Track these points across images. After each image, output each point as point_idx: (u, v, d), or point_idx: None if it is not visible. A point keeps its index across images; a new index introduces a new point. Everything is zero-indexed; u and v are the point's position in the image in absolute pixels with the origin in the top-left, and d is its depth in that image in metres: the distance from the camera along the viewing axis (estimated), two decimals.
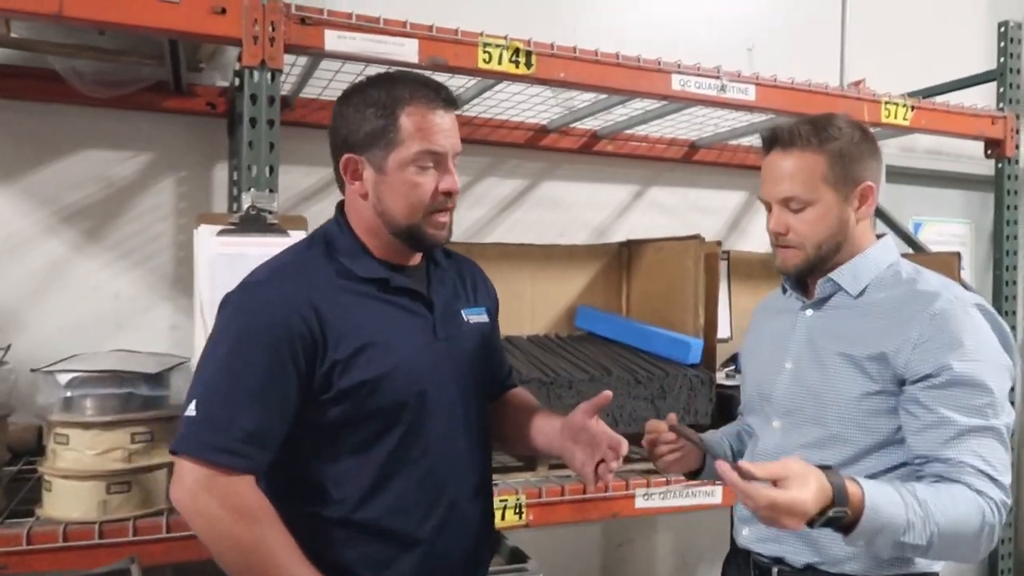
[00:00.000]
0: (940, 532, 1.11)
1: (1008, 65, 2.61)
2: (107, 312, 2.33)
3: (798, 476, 1.05)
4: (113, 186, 2.34)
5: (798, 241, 1.33)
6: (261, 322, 1.15)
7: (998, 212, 2.64)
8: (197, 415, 1.13)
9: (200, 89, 2.36)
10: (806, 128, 1.31)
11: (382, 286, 1.24)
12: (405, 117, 1.20)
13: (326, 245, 1.26)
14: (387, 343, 1.20)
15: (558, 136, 2.78)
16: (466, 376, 1.31)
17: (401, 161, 1.20)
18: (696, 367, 2.08)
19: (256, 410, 1.13)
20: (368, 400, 1.19)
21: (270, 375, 1.14)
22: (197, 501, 1.11)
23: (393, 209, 1.22)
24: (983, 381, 1.19)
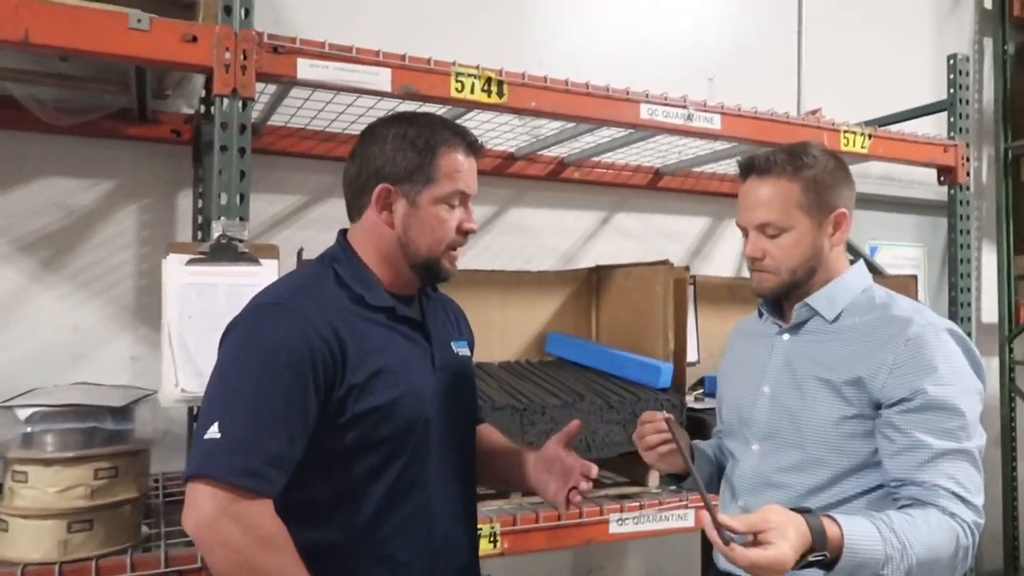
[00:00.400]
0: (919, 562, 1.14)
1: (958, 96, 2.71)
2: (64, 344, 2.27)
3: (777, 528, 1.07)
4: (73, 214, 2.29)
5: (773, 266, 1.36)
6: (285, 342, 1.15)
7: (952, 236, 2.73)
8: (221, 437, 1.10)
9: (165, 116, 2.33)
10: (782, 156, 1.35)
11: (389, 314, 1.27)
12: (443, 158, 1.26)
13: (334, 273, 1.28)
14: (397, 370, 1.23)
15: (526, 163, 2.80)
16: (460, 406, 1.35)
17: (435, 198, 1.26)
18: (667, 391, 2.10)
19: (281, 432, 1.12)
20: (380, 426, 1.20)
21: (294, 397, 1.14)
22: (220, 530, 1.07)
23: (419, 241, 1.27)
24: (956, 405, 1.22)
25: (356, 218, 1.33)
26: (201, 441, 1.11)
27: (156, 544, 1.62)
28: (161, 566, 1.53)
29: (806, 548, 1.08)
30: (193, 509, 1.09)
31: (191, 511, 1.09)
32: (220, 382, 1.16)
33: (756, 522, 1.07)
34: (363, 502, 1.21)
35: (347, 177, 1.32)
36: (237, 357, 1.16)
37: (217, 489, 1.08)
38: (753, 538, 1.07)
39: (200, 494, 1.08)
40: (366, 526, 1.21)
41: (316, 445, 1.18)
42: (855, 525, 1.12)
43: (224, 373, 1.16)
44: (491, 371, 2.29)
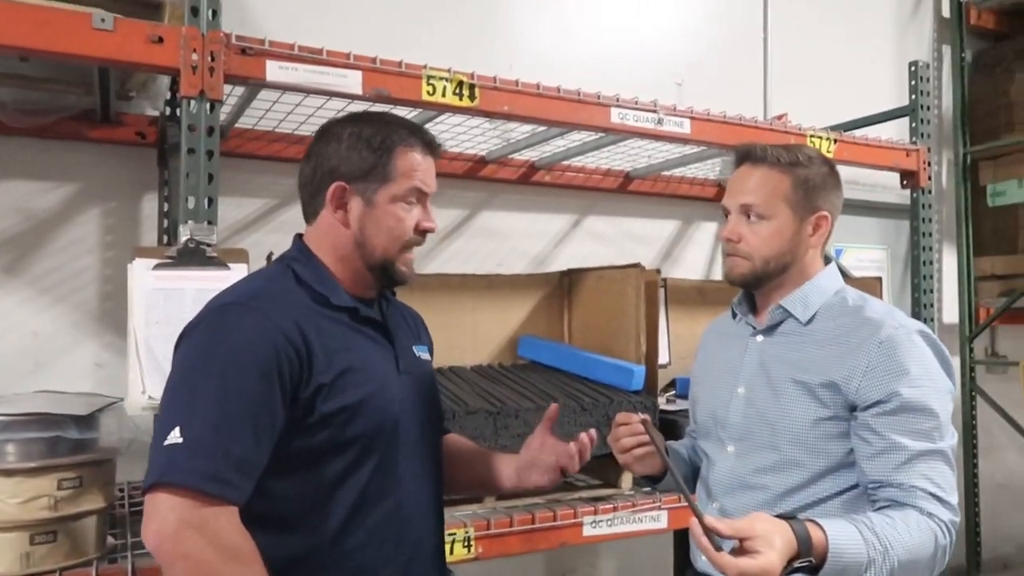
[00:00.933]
0: (900, 563, 1.16)
1: (919, 102, 2.77)
2: (26, 351, 2.21)
3: (763, 536, 1.08)
4: (34, 218, 2.24)
5: (747, 252, 1.38)
6: (248, 342, 1.11)
7: (914, 239, 2.78)
8: (183, 442, 1.04)
9: (129, 118, 2.29)
10: (778, 150, 1.39)
11: (352, 315, 1.25)
12: (400, 156, 1.25)
13: (294, 273, 1.25)
14: (364, 369, 1.21)
15: (496, 167, 2.80)
16: (426, 410, 1.34)
17: (392, 196, 1.25)
18: (639, 393, 2.11)
19: (246, 435, 1.08)
20: (350, 425, 1.18)
21: (259, 398, 1.10)
22: (183, 541, 1.01)
23: (374, 241, 1.25)
24: (930, 406, 1.25)
25: (312, 220, 1.30)
26: (161, 447, 1.06)
27: (122, 555, 1.58)
28: None
29: (792, 555, 1.09)
30: (153, 520, 1.03)
31: (151, 522, 1.03)
32: (180, 385, 1.11)
33: (743, 528, 1.08)
34: (332, 509, 1.18)
35: (302, 178, 1.30)
36: (198, 359, 1.12)
37: (179, 497, 1.03)
38: (739, 544, 1.08)
39: (161, 504, 1.03)
40: (335, 535, 1.18)
41: (284, 448, 1.14)
42: (839, 529, 1.14)
43: (184, 376, 1.12)
44: (464, 375, 2.28)
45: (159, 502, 1.03)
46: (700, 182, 3.24)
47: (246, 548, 1.06)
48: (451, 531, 1.79)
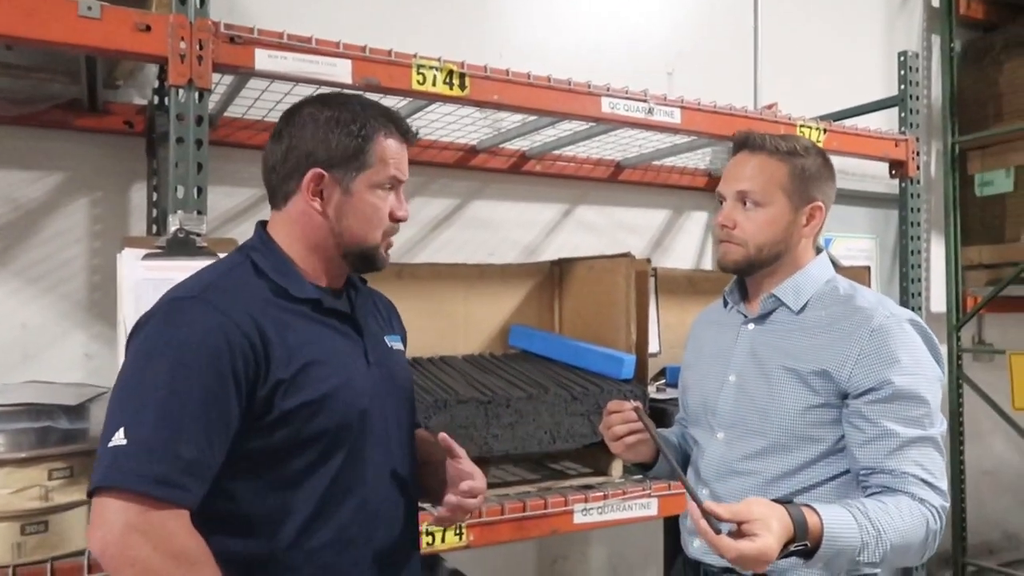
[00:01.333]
0: (892, 547, 1.17)
1: (908, 92, 2.78)
2: (14, 342, 2.20)
3: (761, 520, 1.09)
4: (21, 208, 2.22)
5: (742, 238, 1.38)
6: (200, 338, 1.07)
7: (903, 228, 2.80)
8: (128, 444, 1.00)
9: (116, 107, 2.27)
10: (776, 139, 1.40)
11: (315, 307, 1.20)
12: (379, 143, 1.21)
13: (252, 264, 1.20)
14: (328, 363, 1.17)
15: (487, 156, 2.80)
16: (398, 402, 1.29)
17: (371, 184, 1.21)
18: (630, 382, 2.12)
19: (198, 436, 1.03)
20: (311, 422, 1.13)
21: (212, 397, 1.05)
22: (129, 547, 0.98)
23: (352, 229, 1.21)
24: (920, 394, 1.26)
25: (280, 205, 1.24)
26: (106, 448, 1.01)
27: None
28: None
29: (788, 538, 1.10)
30: (98, 526, 0.99)
31: (96, 528, 0.99)
32: (128, 383, 1.07)
33: (741, 512, 1.09)
34: (296, 507, 1.13)
35: (270, 161, 1.24)
36: (147, 356, 1.07)
37: (125, 502, 0.98)
38: (737, 527, 1.09)
39: (106, 508, 0.99)
40: (299, 534, 1.13)
41: (242, 447, 1.10)
42: (833, 514, 1.15)
43: (132, 373, 1.07)
44: (455, 364, 2.29)
45: (104, 506, 1.00)
46: (691, 172, 3.25)
47: (197, 552, 1.02)
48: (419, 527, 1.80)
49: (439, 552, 1.88)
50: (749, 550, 1.06)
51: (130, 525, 0.99)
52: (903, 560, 1.23)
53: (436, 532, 1.80)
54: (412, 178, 2.74)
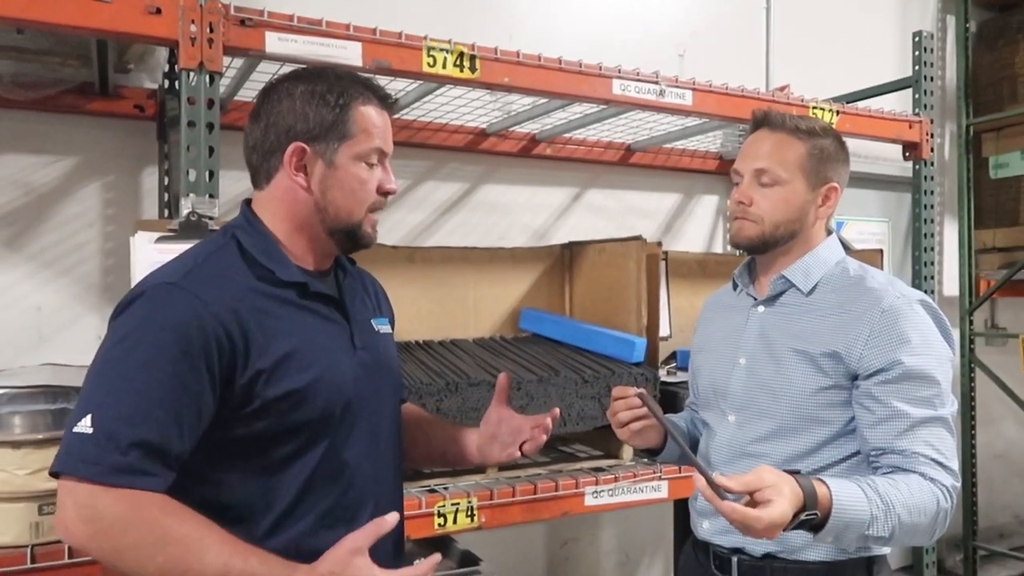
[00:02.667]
0: (901, 523, 1.17)
1: (923, 72, 2.75)
2: (30, 325, 2.22)
3: (773, 486, 1.09)
4: (34, 192, 2.23)
5: (758, 215, 1.38)
6: (176, 326, 1.04)
7: (916, 211, 2.78)
8: (93, 432, 0.99)
9: (127, 91, 2.27)
10: (795, 118, 1.40)
11: (301, 291, 1.17)
12: (359, 112, 1.17)
13: (238, 245, 1.16)
14: (311, 351, 1.14)
15: (497, 140, 2.79)
16: (383, 387, 1.26)
17: (354, 155, 1.17)
18: (640, 365, 2.12)
19: (167, 423, 1.02)
20: (294, 412, 1.11)
21: (184, 385, 1.03)
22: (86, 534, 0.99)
23: (338, 204, 1.17)
24: (931, 374, 1.26)
25: (264, 184, 1.20)
26: (71, 433, 1.00)
27: None
28: None
29: (798, 507, 1.10)
30: (62, 510, 1.00)
31: (61, 512, 1.00)
32: (101, 368, 1.05)
33: (752, 481, 1.09)
34: (279, 495, 1.12)
35: (251, 140, 1.20)
36: (121, 341, 1.04)
37: (82, 486, 0.98)
38: (749, 497, 1.09)
39: (65, 493, 0.99)
40: (283, 521, 1.12)
41: (225, 435, 1.09)
42: (842, 486, 1.15)
43: (106, 359, 1.05)
44: (466, 348, 2.29)
45: (65, 491, 1.00)
46: (701, 155, 3.23)
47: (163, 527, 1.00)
48: (455, 501, 1.82)
49: (451, 534, 1.90)
50: (764, 516, 1.06)
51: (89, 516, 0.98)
52: (913, 538, 1.22)
53: (448, 514, 1.81)
54: (421, 162, 2.79)
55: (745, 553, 1.35)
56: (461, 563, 1.98)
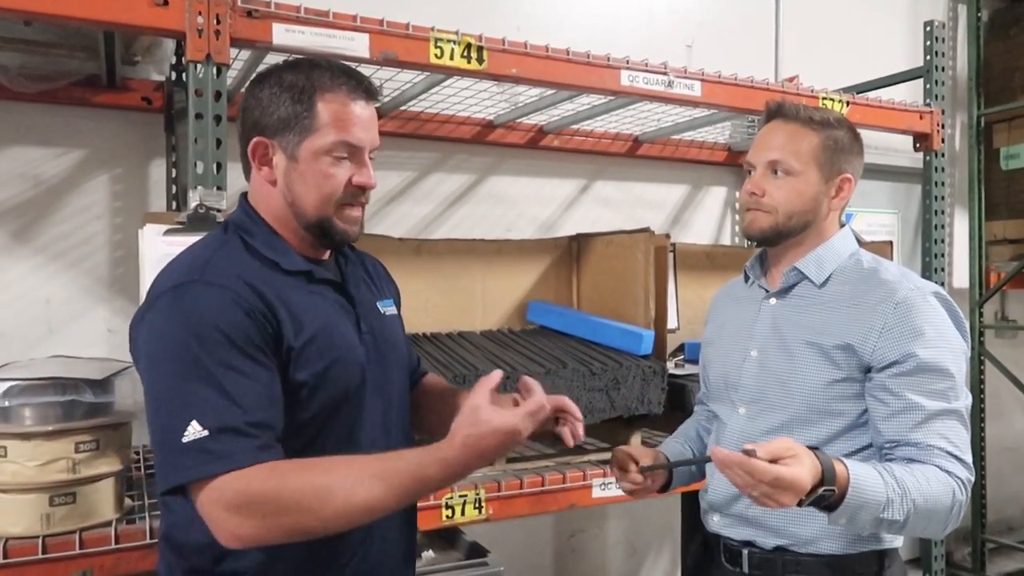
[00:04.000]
0: (916, 508, 1.16)
1: (934, 63, 2.72)
2: (38, 317, 2.23)
3: (797, 455, 1.09)
4: (42, 184, 2.24)
5: (771, 206, 1.37)
6: (218, 314, 1.05)
7: (926, 203, 2.76)
8: (209, 432, 1.00)
9: (135, 83, 2.27)
10: (810, 109, 1.39)
11: (307, 278, 1.18)
12: (323, 104, 1.14)
13: (241, 238, 1.17)
14: (328, 334, 1.15)
15: (505, 131, 2.78)
16: (391, 370, 1.27)
17: (315, 150, 1.14)
18: (648, 358, 2.11)
19: (260, 402, 1.04)
20: (317, 394, 1.12)
21: (252, 363, 1.05)
22: (241, 526, 1.00)
23: (303, 199, 1.16)
24: (945, 366, 1.25)
25: (248, 177, 1.22)
26: (183, 447, 1.00)
27: (140, 516, 1.61)
28: (146, 537, 1.53)
29: (816, 480, 1.10)
30: (218, 527, 1.01)
31: (218, 531, 1.01)
32: (168, 379, 1.04)
33: (775, 448, 1.08)
34: None
35: (237, 136, 1.21)
36: (173, 347, 1.04)
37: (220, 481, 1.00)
38: None
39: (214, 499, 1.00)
40: None
41: None
42: (859, 467, 1.15)
43: (166, 368, 1.04)
44: (474, 340, 2.29)
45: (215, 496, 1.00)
46: (710, 146, 3.21)
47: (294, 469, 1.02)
48: (462, 493, 1.82)
49: (458, 525, 1.90)
50: (786, 473, 1.05)
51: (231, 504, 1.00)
52: (927, 527, 1.21)
53: (455, 506, 1.82)
54: (428, 154, 2.79)
55: (756, 546, 1.35)
56: (469, 555, 1.99)
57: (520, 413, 1.05)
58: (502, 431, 1.03)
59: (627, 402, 2.04)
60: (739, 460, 1.07)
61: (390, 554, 1.25)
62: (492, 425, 1.02)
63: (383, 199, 2.67)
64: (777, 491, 1.06)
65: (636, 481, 1.38)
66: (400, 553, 1.28)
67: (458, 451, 1.02)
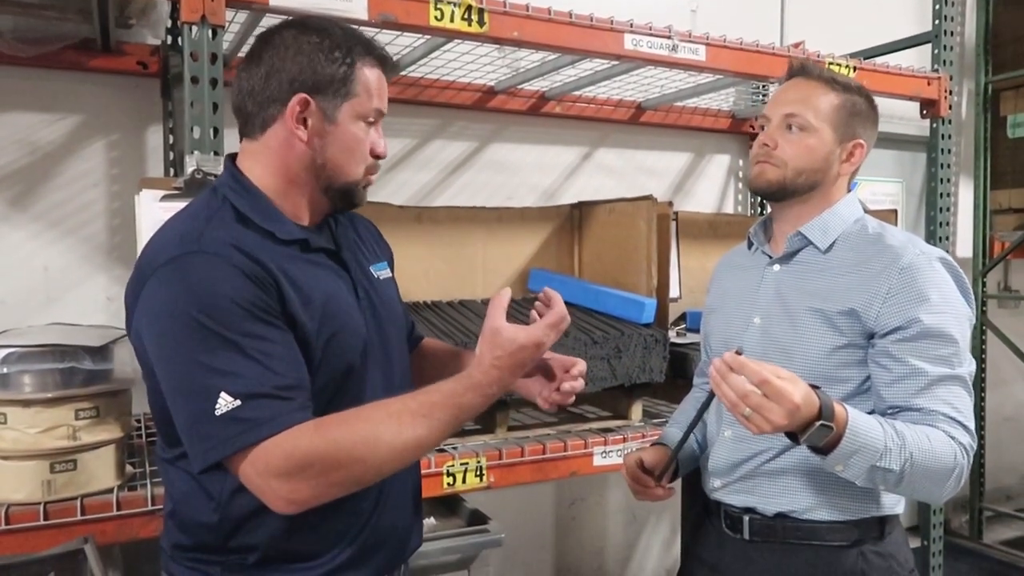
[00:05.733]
0: (914, 462, 1.15)
1: (943, 27, 2.68)
2: (37, 285, 2.22)
3: (788, 375, 1.09)
4: (39, 151, 2.21)
5: (781, 160, 1.36)
6: (225, 284, 1.02)
7: (932, 170, 2.73)
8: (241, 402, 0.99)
9: (130, 47, 2.23)
10: (832, 72, 1.39)
11: (302, 247, 1.15)
12: (364, 71, 1.14)
13: (232, 208, 1.12)
14: (330, 304, 1.13)
15: (506, 97, 2.74)
16: (390, 336, 1.25)
17: (356, 114, 1.14)
18: (650, 326, 2.11)
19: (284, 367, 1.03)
20: (323, 366, 1.10)
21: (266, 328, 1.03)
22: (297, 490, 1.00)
23: (336, 162, 1.15)
24: (949, 332, 1.24)
25: (256, 134, 1.15)
26: (218, 419, 0.98)
27: (142, 483, 1.61)
28: (147, 504, 1.53)
29: (813, 412, 1.10)
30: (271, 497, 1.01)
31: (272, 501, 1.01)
32: (187, 355, 1.01)
33: (767, 365, 1.09)
34: None
35: (246, 86, 1.14)
36: (185, 321, 1.01)
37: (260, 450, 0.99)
38: None
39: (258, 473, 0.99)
40: None
41: None
42: (858, 414, 1.15)
43: (182, 343, 1.01)
44: (475, 308, 2.28)
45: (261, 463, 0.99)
46: (713, 113, 3.17)
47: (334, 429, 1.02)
48: (464, 460, 1.82)
49: (460, 493, 1.91)
50: (775, 381, 1.06)
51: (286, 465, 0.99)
52: (927, 488, 1.20)
53: (457, 474, 1.82)
54: (429, 120, 2.75)
55: (757, 513, 1.35)
56: (470, 522, 2.00)
57: (542, 326, 1.09)
58: (529, 345, 1.07)
59: (628, 370, 2.03)
60: (729, 358, 1.08)
61: (399, 525, 1.25)
62: (518, 343, 1.06)
63: (383, 166, 2.63)
64: (767, 403, 1.06)
65: (658, 495, 1.40)
66: (408, 521, 1.28)
67: (490, 374, 1.06)
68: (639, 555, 3.27)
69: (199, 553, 1.14)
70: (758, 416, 1.07)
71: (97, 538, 1.47)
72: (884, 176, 3.87)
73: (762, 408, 1.07)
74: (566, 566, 3.11)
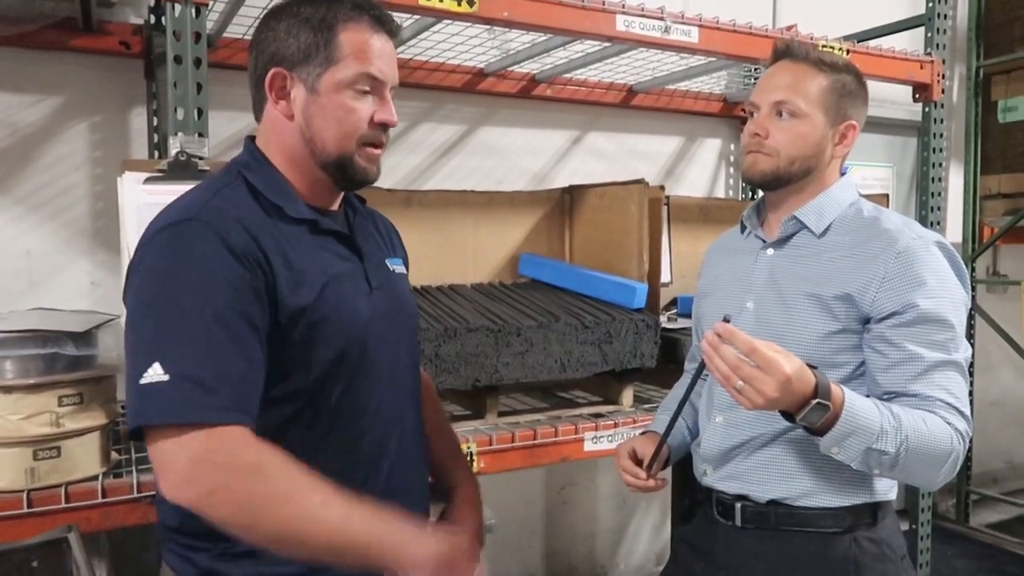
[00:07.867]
0: (909, 445, 1.14)
1: (936, 10, 2.66)
2: (18, 270, 2.18)
3: (782, 351, 1.09)
4: (18, 133, 2.17)
5: (774, 149, 1.33)
6: (211, 257, 1.00)
7: (923, 155, 2.72)
8: (169, 378, 0.94)
9: (112, 27, 2.19)
10: (819, 52, 1.35)
11: (312, 228, 1.12)
12: (345, 35, 1.09)
13: (245, 182, 1.11)
14: (328, 287, 1.09)
15: (496, 80, 2.71)
16: (400, 328, 1.22)
17: (338, 82, 1.09)
18: (641, 311, 2.09)
19: (235, 355, 0.98)
20: (311, 348, 1.07)
21: (238, 312, 0.99)
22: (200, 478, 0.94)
23: (324, 135, 1.10)
24: (945, 317, 1.22)
25: (259, 117, 1.16)
26: (139, 388, 0.95)
27: (127, 470, 1.59)
28: (133, 492, 1.51)
29: (808, 391, 1.09)
30: (163, 471, 0.95)
31: (161, 474, 0.95)
32: (144, 316, 0.99)
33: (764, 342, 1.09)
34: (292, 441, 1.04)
35: (249, 72, 1.15)
36: (159, 285, 0.99)
37: (180, 436, 0.94)
38: None
39: (163, 451, 0.94)
40: None
41: None
42: (855, 395, 1.14)
43: (148, 305, 0.99)
44: (465, 293, 2.26)
45: (160, 450, 0.95)
46: (705, 97, 3.15)
47: (269, 460, 0.97)
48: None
49: None
50: (765, 351, 1.05)
51: (195, 458, 0.94)
52: (922, 472, 1.19)
53: None
54: (418, 103, 2.72)
55: (749, 499, 1.34)
56: None
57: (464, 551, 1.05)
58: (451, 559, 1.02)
59: (619, 356, 2.02)
60: (719, 327, 1.07)
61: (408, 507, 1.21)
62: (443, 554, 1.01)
63: None
64: (758, 374, 1.05)
65: (650, 487, 1.39)
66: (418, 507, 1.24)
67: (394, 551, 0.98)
68: (629, 540, 3.28)
69: (188, 538, 1.10)
70: (750, 388, 1.06)
71: (82, 526, 1.45)
72: (874, 161, 3.87)
73: (754, 379, 1.06)
74: (556, 551, 3.12)
